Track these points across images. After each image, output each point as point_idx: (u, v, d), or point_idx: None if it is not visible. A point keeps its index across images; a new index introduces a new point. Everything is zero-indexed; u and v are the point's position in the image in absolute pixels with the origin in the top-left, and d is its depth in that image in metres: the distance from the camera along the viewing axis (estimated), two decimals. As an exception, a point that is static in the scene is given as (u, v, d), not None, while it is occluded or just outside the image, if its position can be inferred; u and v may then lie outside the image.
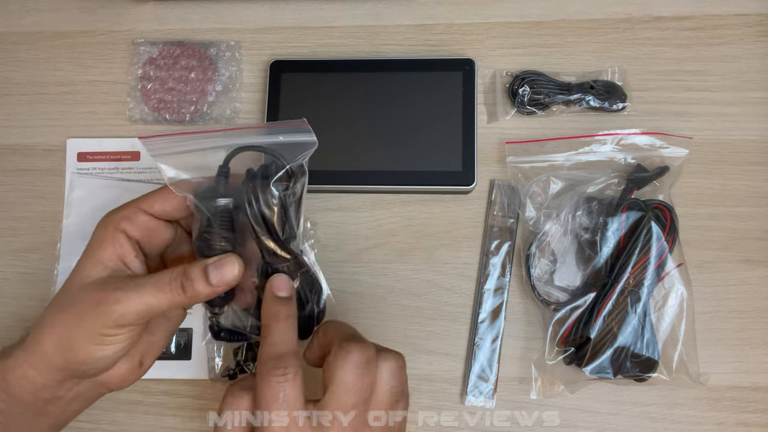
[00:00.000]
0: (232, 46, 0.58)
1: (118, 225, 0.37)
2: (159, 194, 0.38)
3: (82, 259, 0.37)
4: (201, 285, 0.35)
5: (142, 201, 0.38)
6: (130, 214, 0.38)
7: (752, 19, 0.56)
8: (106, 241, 0.37)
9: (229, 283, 0.36)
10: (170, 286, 0.35)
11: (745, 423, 0.48)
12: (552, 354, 0.49)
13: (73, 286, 0.36)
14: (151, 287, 0.35)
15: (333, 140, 0.53)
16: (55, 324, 0.36)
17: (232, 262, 0.36)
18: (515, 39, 0.56)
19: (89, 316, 0.35)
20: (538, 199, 0.51)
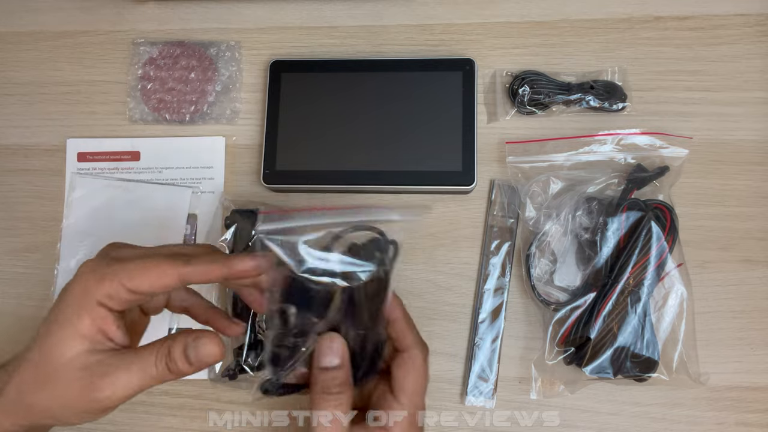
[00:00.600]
0: (232, 46, 0.58)
1: (100, 300, 0.34)
2: (149, 276, 0.34)
3: (57, 326, 0.34)
4: (184, 366, 0.35)
5: (129, 279, 0.34)
6: (114, 293, 0.34)
7: (752, 19, 0.56)
8: (85, 313, 0.34)
9: (208, 364, 0.35)
10: (156, 368, 0.34)
11: (745, 423, 0.48)
12: (552, 354, 0.49)
13: (51, 360, 0.34)
14: (139, 371, 0.34)
15: (333, 140, 0.53)
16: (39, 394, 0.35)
17: (209, 343, 0.35)
18: (515, 39, 0.56)
19: (76, 400, 0.34)
20: (538, 199, 0.51)
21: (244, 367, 0.48)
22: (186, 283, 0.35)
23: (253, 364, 0.48)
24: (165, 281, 0.34)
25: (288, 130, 0.54)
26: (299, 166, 0.53)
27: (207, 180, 0.55)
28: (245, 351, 0.48)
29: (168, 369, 0.34)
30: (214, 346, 0.35)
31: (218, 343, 0.35)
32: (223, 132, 0.56)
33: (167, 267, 0.34)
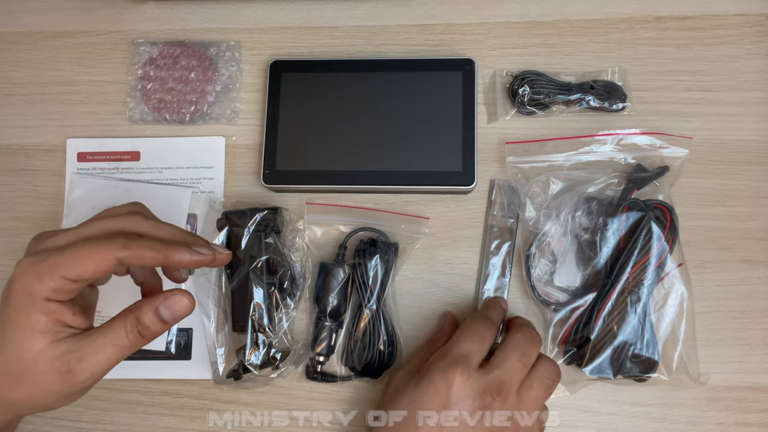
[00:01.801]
0: (232, 46, 0.58)
1: (46, 295, 0.34)
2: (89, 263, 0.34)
3: (11, 329, 0.34)
4: (158, 327, 0.36)
5: (68, 269, 0.34)
6: (58, 287, 0.34)
7: (752, 19, 0.56)
8: (34, 310, 0.34)
9: (183, 316, 0.37)
10: (129, 338, 0.36)
11: (745, 423, 0.48)
12: (552, 354, 0.49)
13: (18, 359, 0.35)
14: (112, 346, 0.35)
15: (333, 140, 0.53)
16: (12, 398, 0.36)
17: (181, 298, 0.36)
18: (515, 39, 0.56)
19: (57, 387, 0.35)
20: (538, 199, 0.51)
21: (248, 366, 0.48)
22: (125, 266, 0.37)
23: (256, 363, 0.48)
24: (104, 267, 0.34)
25: (288, 130, 0.54)
26: (299, 166, 0.53)
27: (207, 180, 0.55)
28: (247, 351, 0.48)
29: (140, 336, 0.36)
30: (185, 298, 0.36)
31: (188, 295, 0.37)
32: (223, 132, 0.56)
33: (105, 252, 0.34)
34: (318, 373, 0.50)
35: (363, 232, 0.51)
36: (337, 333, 0.50)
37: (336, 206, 0.53)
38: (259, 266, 0.49)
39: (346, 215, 0.52)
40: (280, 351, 0.49)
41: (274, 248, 0.50)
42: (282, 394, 0.51)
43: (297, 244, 0.52)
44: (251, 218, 0.50)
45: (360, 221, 0.52)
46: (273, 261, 0.50)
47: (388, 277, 0.50)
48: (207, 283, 0.51)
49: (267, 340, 0.49)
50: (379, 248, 0.50)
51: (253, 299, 0.49)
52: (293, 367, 0.50)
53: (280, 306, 0.50)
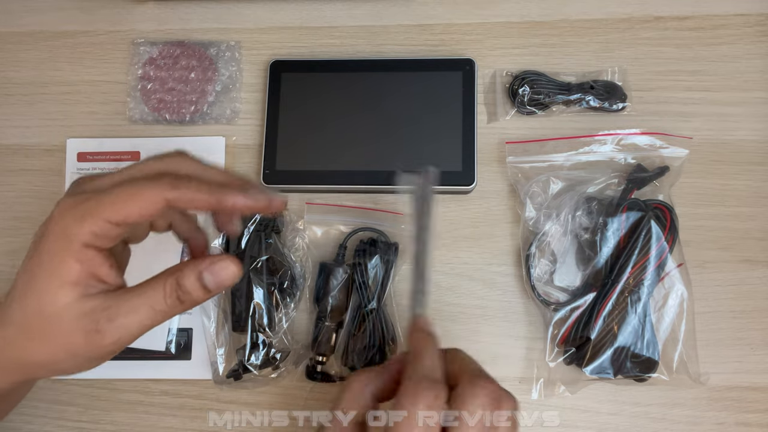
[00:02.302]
0: (232, 46, 0.58)
1: (86, 241, 0.31)
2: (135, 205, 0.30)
3: (40, 276, 0.31)
4: (200, 294, 0.32)
5: (112, 212, 0.30)
6: (99, 231, 0.30)
7: (752, 19, 0.55)
8: (69, 256, 0.31)
9: (227, 285, 0.33)
10: (167, 302, 0.32)
11: (745, 423, 0.48)
12: (552, 354, 0.49)
13: (40, 313, 0.31)
14: (147, 308, 0.31)
15: (333, 140, 0.53)
16: (29, 358, 0.32)
17: (228, 264, 0.32)
18: (515, 39, 0.56)
19: (81, 349, 0.31)
20: (538, 199, 0.51)
21: (248, 366, 0.48)
22: (172, 208, 0.31)
23: (256, 363, 0.48)
24: (152, 209, 0.30)
25: (288, 130, 0.54)
26: (299, 166, 0.53)
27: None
28: (247, 351, 0.48)
29: (179, 301, 0.32)
30: (233, 265, 0.32)
31: (236, 262, 0.32)
32: (223, 132, 0.56)
33: (153, 193, 0.30)
34: (318, 373, 0.50)
35: (363, 232, 0.51)
36: (337, 333, 0.50)
37: (336, 206, 0.53)
38: (259, 266, 0.49)
39: (346, 215, 0.52)
40: (280, 351, 0.49)
41: (274, 248, 0.50)
42: (282, 394, 0.51)
43: (297, 244, 0.52)
44: (251, 218, 0.50)
45: (360, 221, 0.52)
46: (273, 261, 0.50)
47: (388, 277, 0.50)
48: (207, 283, 0.51)
49: (267, 340, 0.49)
50: (379, 248, 0.50)
51: (253, 299, 0.49)
52: (293, 367, 0.50)
53: (280, 306, 0.50)
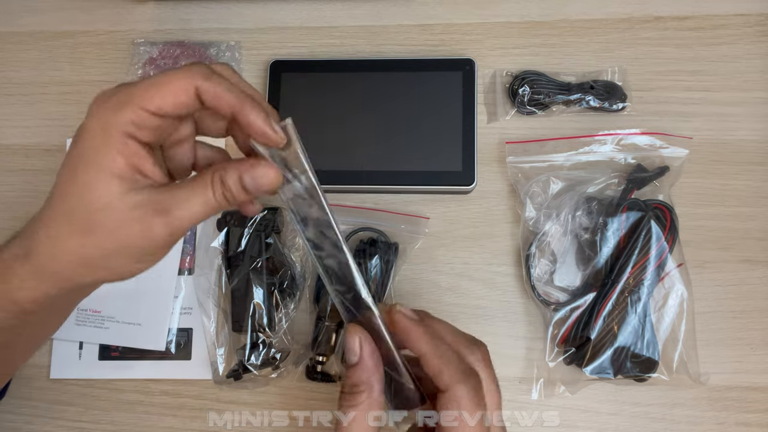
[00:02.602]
0: (232, 46, 0.58)
1: (126, 130, 0.30)
2: (167, 92, 0.30)
3: (83, 170, 0.31)
4: (240, 194, 0.32)
5: (147, 100, 0.30)
6: (137, 119, 0.30)
7: (752, 19, 0.55)
8: (114, 149, 0.30)
9: (266, 191, 0.32)
10: (215, 196, 0.31)
11: (745, 423, 0.48)
12: (552, 354, 0.49)
13: (89, 206, 0.30)
14: (199, 198, 0.31)
15: (333, 140, 0.53)
16: (79, 254, 0.31)
17: (268, 171, 0.32)
18: (515, 39, 0.56)
19: (135, 241, 0.31)
20: (538, 199, 0.51)
21: (248, 366, 0.48)
22: (202, 97, 0.31)
23: (256, 363, 0.48)
24: (183, 97, 0.30)
25: (288, 130, 0.54)
26: (299, 166, 0.53)
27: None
28: (247, 351, 0.48)
29: (224, 198, 0.32)
30: (272, 171, 0.32)
31: (275, 167, 0.32)
32: (223, 132, 0.56)
33: (185, 80, 0.31)
34: (318, 373, 0.50)
35: (363, 232, 0.51)
36: (337, 333, 0.50)
37: (336, 206, 0.53)
38: (259, 266, 0.49)
39: (346, 215, 0.52)
40: (280, 351, 0.49)
41: (274, 248, 0.50)
42: (282, 394, 0.51)
43: (297, 244, 0.52)
44: (251, 218, 0.50)
45: (360, 221, 0.52)
46: (273, 261, 0.50)
47: (388, 277, 0.50)
48: (207, 283, 0.51)
49: (267, 340, 0.49)
50: (379, 248, 0.50)
51: (253, 299, 0.49)
52: (293, 367, 0.50)
53: (280, 306, 0.50)
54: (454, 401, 0.32)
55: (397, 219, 0.52)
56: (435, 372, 0.32)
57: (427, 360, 0.32)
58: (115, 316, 0.52)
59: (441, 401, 0.32)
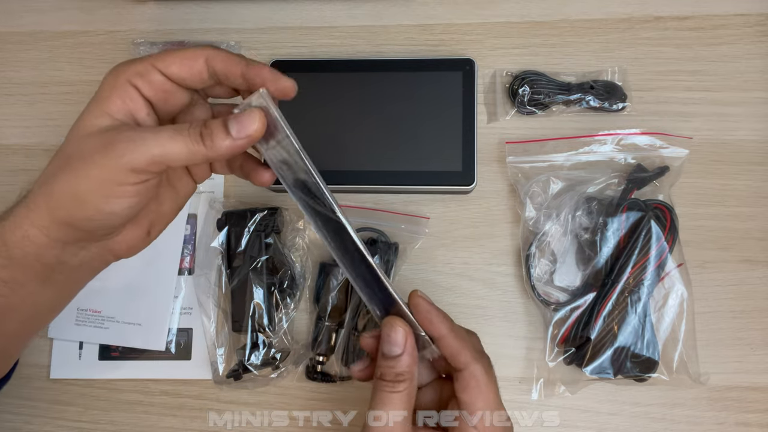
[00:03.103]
0: (232, 46, 0.58)
1: (130, 78, 0.33)
2: (178, 56, 0.34)
3: (86, 110, 0.34)
4: (221, 135, 0.32)
5: (159, 59, 0.34)
6: (143, 71, 0.33)
7: (752, 19, 0.55)
8: (115, 93, 0.33)
9: (250, 135, 0.33)
10: (189, 132, 0.32)
11: (745, 423, 0.48)
12: (552, 354, 0.49)
13: (76, 137, 0.33)
14: (169, 131, 0.32)
15: (333, 140, 0.53)
16: (59, 175, 0.32)
17: (254, 114, 0.33)
18: (515, 39, 0.56)
19: (98, 161, 0.31)
20: (538, 199, 0.51)
21: (248, 366, 0.48)
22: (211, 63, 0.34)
23: (256, 363, 0.48)
24: (192, 63, 0.34)
25: (288, 130, 0.54)
26: (299, 166, 0.53)
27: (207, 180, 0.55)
28: (247, 351, 0.48)
29: (201, 137, 0.32)
30: (257, 114, 0.33)
31: (261, 116, 0.33)
32: (223, 132, 0.56)
33: (194, 51, 0.34)
34: (318, 373, 0.50)
35: (363, 232, 0.51)
36: (337, 333, 0.50)
37: None
38: (259, 266, 0.49)
39: None
40: (280, 351, 0.49)
41: (274, 248, 0.50)
42: (282, 394, 0.51)
43: (297, 244, 0.52)
44: (251, 218, 0.50)
45: (360, 221, 0.52)
46: (273, 261, 0.50)
47: (388, 277, 0.50)
48: (207, 283, 0.51)
49: (267, 340, 0.49)
50: (379, 248, 0.50)
51: (253, 299, 0.49)
52: (293, 367, 0.50)
53: (280, 306, 0.50)
54: (473, 377, 0.35)
55: (397, 219, 0.52)
56: (454, 351, 0.35)
57: (446, 341, 0.36)
58: (115, 316, 0.52)
59: (459, 378, 0.35)
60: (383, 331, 0.35)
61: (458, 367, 0.35)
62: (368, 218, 0.52)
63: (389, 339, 0.35)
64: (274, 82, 0.34)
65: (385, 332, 0.35)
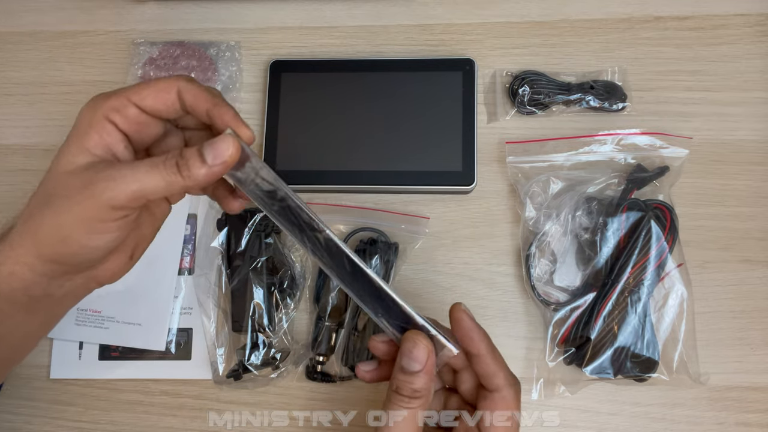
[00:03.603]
0: (232, 46, 0.58)
1: (106, 114, 0.34)
2: (152, 89, 0.35)
3: (65, 146, 0.34)
4: (197, 164, 0.32)
5: (133, 93, 0.34)
6: (119, 105, 0.34)
7: (752, 19, 0.56)
8: (93, 129, 0.34)
9: (225, 161, 0.33)
10: (165, 164, 0.32)
11: (745, 423, 0.48)
12: (552, 354, 0.49)
13: (56, 174, 0.33)
14: (146, 166, 0.32)
15: (333, 140, 0.53)
16: (42, 213, 0.33)
17: (227, 140, 0.33)
18: (515, 39, 0.56)
19: (79, 200, 0.32)
20: (538, 199, 0.51)
21: (248, 366, 0.48)
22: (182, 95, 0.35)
23: (256, 363, 0.48)
24: (165, 95, 0.34)
25: (288, 130, 0.54)
26: (299, 166, 0.53)
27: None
28: (247, 351, 0.48)
29: (177, 168, 0.32)
30: (231, 139, 0.33)
31: (235, 141, 0.33)
32: (223, 132, 0.56)
33: (167, 82, 0.35)
34: (318, 373, 0.50)
35: (363, 232, 0.51)
36: (337, 333, 0.50)
37: (336, 206, 0.53)
38: (259, 266, 0.49)
39: (346, 215, 0.52)
40: (280, 351, 0.49)
41: (274, 248, 0.50)
42: (282, 394, 0.51)
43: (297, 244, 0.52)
44: (251, 218, 0.50)
45: (360, 221, 0.52)
46: (273, 261, 0.50)
47: (388, 277, 0.50)
48: (207, 283, 0.51)
49: (267, 340, 0.49)
50: (379, 248, 0.50)
51: (253, 299, 0.49)
52: (293, 367, 0.50)
53: (280, 306, 0.50)
54: (503, 401, 0.35)
55: (397, 219, 0.52)
56: (490, 372, 0.35)
57: (484, 360, 0.35)
58: (115, 316, 0.52)
59: (489, 398, 0.35)
60: (404, 345, 0.34)
61: (491, 388, 0.35)
62: (368, 218, 0.52)
63: (411, 354, 0.34)
64: (234, 127, 0.34)
65: (406, 347, 0.34)
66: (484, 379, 0.36)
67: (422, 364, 0.34)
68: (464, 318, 0.36)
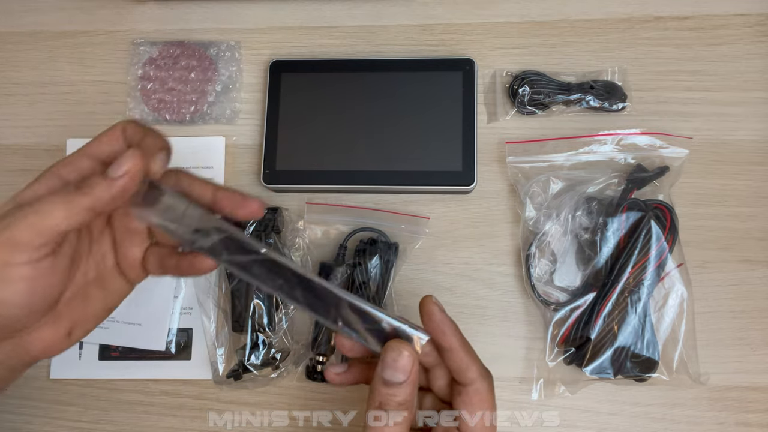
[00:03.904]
0: (232, 46, 0.58)
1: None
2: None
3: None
4: (97, 179, 0.31)
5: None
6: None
7: (752, 19, 0.56)
8: None
9: (129, 170, 0.31)
10: (65, 190, 0.30)
11: (745, 423, 0.48)
12: (552, 354, 0.49)
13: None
14: (46, 197, 0.30)
15: (333, 140, 0.53)
16: None
17: (129, 154, 0.31)
18: (515, 39, 0.56)
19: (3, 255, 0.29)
20: (538, 199, 0.51)
21: (248, 366, 0.48)
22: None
23: (256, 363, 0.48)
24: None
25: (288, 130, 0.54)
26: (299, 166, 0.53)
27: (207, 180, 0.55)
28: (247, 351, 0.48)
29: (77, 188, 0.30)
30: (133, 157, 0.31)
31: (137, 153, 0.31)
32: (223, 132, 0.56)
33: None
34: (318, 373, 0.50)
35: (363, 232, 0.51)
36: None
37: (336, 206, 0.53)
38: (259, 266, 0.49)
39: (346, 215, 0.53)
40: (280, 351, 0.49)
41: (274, 248, 0.50)
42: (282, 394, 0.51)
43: (297, 244, 0.52)
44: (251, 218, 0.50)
45: (360, 221, 0.52)
46: (273, 261, 0.50)
47: (388, 277, 0.50)
48: (207, 283, 0.51)
49: (267, 340, 0.49)
50: (379, 248, 0.50)
51: (253, 299, 0.49)
52: (293, 367, 0.50)
53: (280, 306, 0.50)
54: (477, 394, 0.34)
55: (397, 219, 0.52)
56: (462, 365, 0.34)
57: (456, 354, 0.34)
58: (115, 316, 0.51)
59: (463, 393, 0.35)
60: (387, 355, 0.32)
61: (465, 382, 0.34)
62: (368, 218, 0.52)
63: (395, 365, 0.32)
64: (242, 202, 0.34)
65: (390, 357, 0.32)
66: (456, 373, 0.34)
67: (407, 374, 0.32)
68: (435, 311, 0.34)
